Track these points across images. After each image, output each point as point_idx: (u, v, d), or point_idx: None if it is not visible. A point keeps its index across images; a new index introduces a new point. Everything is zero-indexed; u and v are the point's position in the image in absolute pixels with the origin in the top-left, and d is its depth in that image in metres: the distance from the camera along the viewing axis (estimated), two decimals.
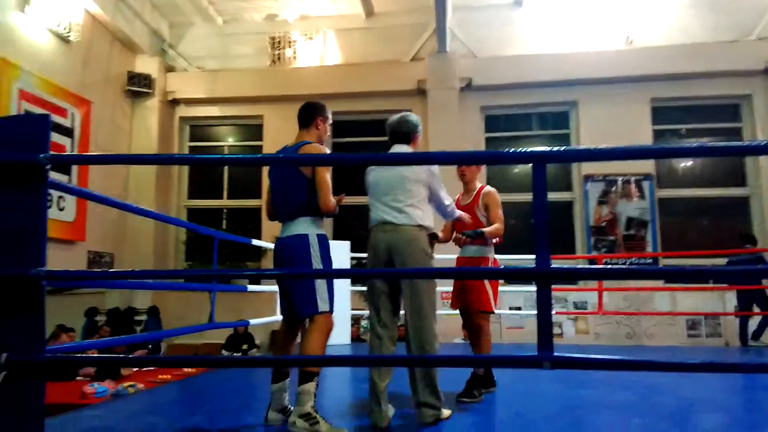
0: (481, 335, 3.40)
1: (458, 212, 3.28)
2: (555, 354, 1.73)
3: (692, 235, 9.37)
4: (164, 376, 5.49)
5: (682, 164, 9.74)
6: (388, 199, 2.87)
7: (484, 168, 9.46)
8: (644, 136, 9.28)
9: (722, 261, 8.46)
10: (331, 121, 3.04)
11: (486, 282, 3.41)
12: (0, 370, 1.76)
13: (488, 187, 3.63)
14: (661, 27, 9.53)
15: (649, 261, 9.15)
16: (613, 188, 9.41)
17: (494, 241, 3.55)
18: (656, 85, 9.37)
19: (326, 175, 2.76)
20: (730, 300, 8.49)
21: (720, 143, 1.74)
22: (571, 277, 1.97)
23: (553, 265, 1.84)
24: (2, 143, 1.92)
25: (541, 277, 1.78)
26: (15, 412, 1.80)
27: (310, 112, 2.96)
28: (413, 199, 2.86)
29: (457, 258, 3.65)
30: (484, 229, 3.38)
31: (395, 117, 3.11)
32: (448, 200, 3.07)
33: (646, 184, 9.33)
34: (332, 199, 2.76)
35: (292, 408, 2.70)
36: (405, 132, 3.05)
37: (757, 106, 9.21)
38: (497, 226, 3.45)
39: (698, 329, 8.79)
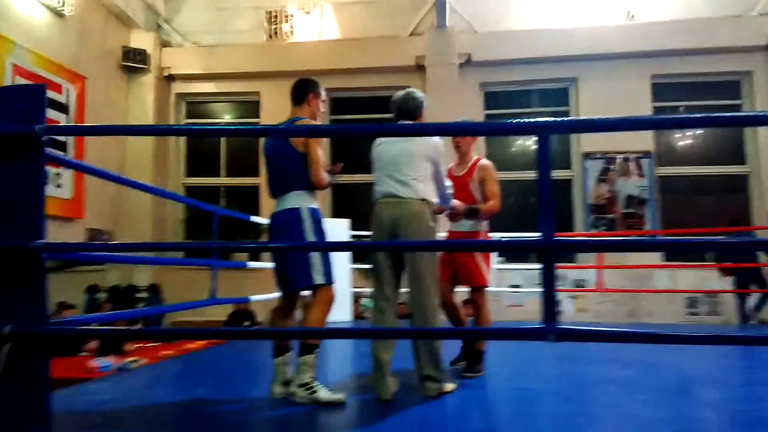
0: (479, 311, 3.38)
1: (455, 201, 3.23)
2: (560, 326, 1.73)
3: (692, 213, 9.38)
4: (167, 352, 5.52)
5: (682, 142, 9.71)
6: (394, 172, 2.87)
7: (481, 141, 9.47)
8: (644, 113, 9.21)
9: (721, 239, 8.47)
10: (324, 98, 3.05)
11: (479, 257, 3.36)
12: (4, 341, 1.76)
13: (484, 160, 3.54)
14: (663, 2, 9.41)
15: (648, 239, 9.16)
16: (612, 166, 9.38)
17: (461, 209, 3.47)
18: (657, 61, 9.28)
19: (318, 149, 2.78)
20: (728, 278, 8.54)
21: (722, 114, 1.72)
22: (576, 249, 1.96)
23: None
24: None
25: (545, 249, 1.77)
26: (20, 384, 1.80)
27: (302, 89, 2.96)
28: (419, 173, 2.86)
29: (449, 232, 3.56)
30: (479, 206, 3.31)
31: (400, 93, 3.08)
32: (448, 184, 3.07)
33: (645, 162, 9.31)
34: (324, 174, 2.79)
35: None
36: (411, 109, 3.03)
37: (757, 83, 9.15)
38: (493, 203, 3.37)
39: (697, 307, 8.85)
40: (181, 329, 2.82)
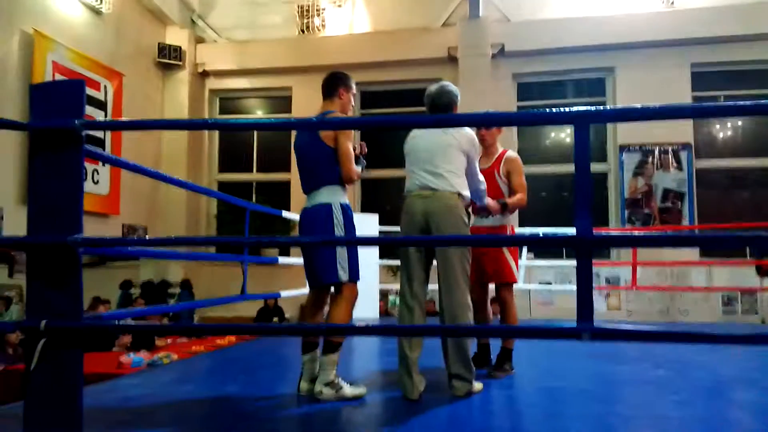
0: (506, 308, 3.30)
1: (488, 200, 3.14)
2: (595, 325, 1.67)
3: (730, 208, 9.07)
4: (198, 347, 5.60)
5: (722, 133, 9.39)
6: (428, 164, 2.81)
7: (512, 133, 9.33)
8: (684, 103, 8.94)
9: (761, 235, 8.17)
10: (354, 91, 3.01)
11: (507, 252, 3.27)
12: (39, 336, 1.78)
13: (511, 152, 3.43)
14: None
15: (685, 234, 8.89)
16: (650, 159, 9.13)
17: (495, 208, 3.35)
18: (697, 49, 8.99)
19: (348, 144, 2.76)
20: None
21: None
22: (614, 244, 1.88)
23: None
24: (38, 109, 1.92)
25: (582, 244, 1.71)
26: (53, 378, 1.82)
27: (333, 82, 2.94)
28: (453, 166, 2.80)
29: (473, 228, 3.35)
30: (507, 200, 3.22)
31: (434, 87, 3.01)
32: (482, 180, 2.99)
33: (683, 155, 9.03)
34: (354, 168, 2.77)
35: None
36: (446, 103, 2.95)
37: None
38: (520, 196, 3.27)
39: (734, 305, 8.58)
40: (210, 325, 2.86)
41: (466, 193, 2.86)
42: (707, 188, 9.16)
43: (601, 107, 2.34)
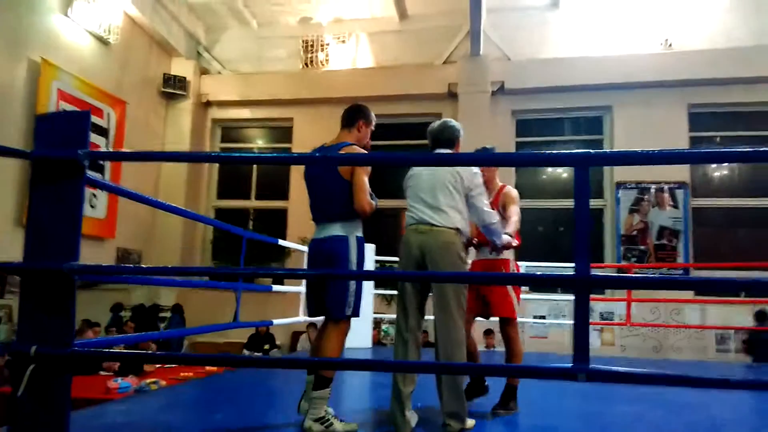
0: (511, 344, 3.24)
1: (506, 237, 3.03)
2: (591, 366, 1.66)
3: (726, 247, 9.09)
4: (186, 374, 5.53)
5: (718, 173, 9.48)
6: (429, 199, 2.82)
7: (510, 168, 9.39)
8: (681, 143, 9.06)
9: (759, 274, 8.18)
10: (373, 127, 3.01)
11: (510, 287, 3.25)
12: (29, 362, 1.77)
13: (509, 187, 3.46)
14: (701, 30, 9.28)
15: (680, 272, 8.91)
16: (646, 196, 9.19)
17: (513, 243, 3.31)
18: (695, 90, 9.13)
19: (364, 177, 2.73)
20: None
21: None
22: (613, 285, 1.89)
23: None
24: (43, 139, 1.94)
25: (580, 284, 1.71)
26: (42, 405, 1.80)
27: (353, 114, 2.95)
28: (454, 201, 2.81)
29: (474, 262, 3.42)
30: (509, 231, 3.14)
31: (437, 123, 3.07)
32: (492, 213, 2.91)
33: (680, 193, 9.10)
34: (368, 201, 2.73)
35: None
36: (447, 138, 3.00)
37: None
38: (514, 218, 3.22)
39: (727, 344, 8.54)
40: (200, 355, 2.82)
41: (466, 229, 2.87)
42: (703, 226, 9.19)
43: (602, 150, 2.38)
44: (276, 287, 5.27)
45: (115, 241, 8.85)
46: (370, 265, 6.31)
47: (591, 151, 1.71)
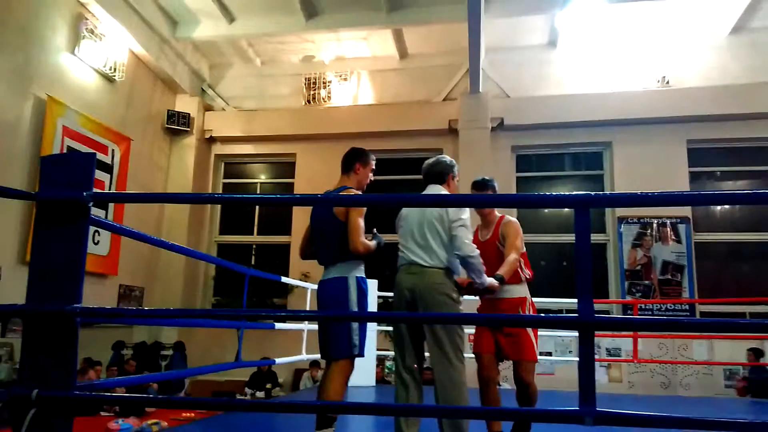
0: (524, 389, 3.06)
1: (486, 279, 2.86)
2: (598, 409, 1.64)
3: (730, 281, 9.06)
4: (188, 414, 5.45)
5: (720, 207, 9.49)
6: (418, 238, 2.82)
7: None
8: (680, 178, 9.09)
9: (762, 309, 8.18)
10: (373, 166, 3.10)
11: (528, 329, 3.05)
12: (30, 406, 1.75)
13: (508, 217, 3.29)
14: (698, 67, 9.43)
15: (686, 307, 8.83)
16: (648, 231, 9.19)
17: (525, 276, 3.16)
18: (693, 126, 9.22)
19: (358, 218, 2.81)
20: None
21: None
22: (616, 327, 1.88)
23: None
24: (48, 180, 1.96)
25: (584, 326, 1.70)
26: None
27: (350, 158, 3.05)
28: (441, 240, 2.79)
29: (483, 300, 3.25)
30: (500, 273, 2.96)
31: (430, 160, 3.10)
32: (471, 248, 2.78)
33: (682, 228, 9.10)
34: (362, 241, 2.80)
35: None
36: (438, 172, 3.02)
37: None
38: (512, 257, 3.02)
39: (735, 380, 8.40)
40: (202, 399, 2.78)
41: (458, 268, 2.85)
42: (706, 261, 9.16)
43: (602, 192, 2.41)
44: (279, 325, 5.23)
45: (118, 278, 8.82)
46: (373, 300, 6.28)
47: (591, 193, 1.72)
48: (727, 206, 9.46)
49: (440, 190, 3.00)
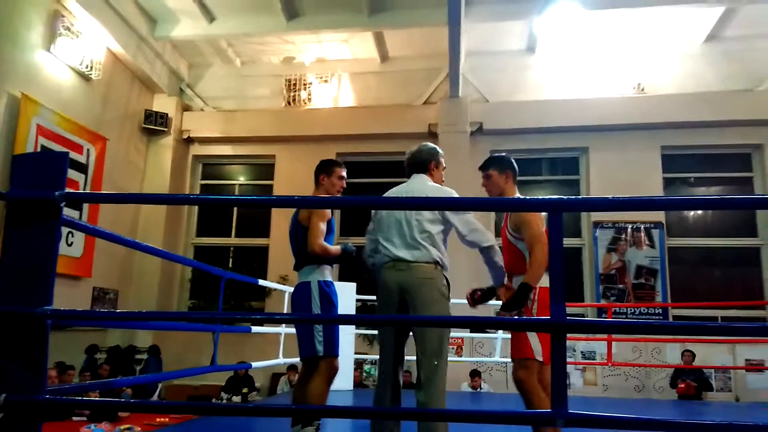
0: (523, 392, 2.71)
1: (501, 290, 2.66)
2: (570, 411, 1.66)
3: (702, 285, 9.25)
4: (162, 419, 5.37)
5: (693, 213, 9.69)
6: (403, 234, 2.66)
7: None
8: (654, 184, 9.26)
9: (733, 312, 8.37)
10: (340, 174, 3.16)
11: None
12: None
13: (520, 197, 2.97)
14: (673, 75, 9.63)
15: (659, 311, 9.00)
16: (623, 236, 9.34)
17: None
18: (667, 132, 9.41)
19: (318, 222, 2.91)
20: (740, 353, 8.33)
21: (737, 197, 1.71)
22: (589, 330, 1.91)
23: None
24: (19, 179, 1.93)
25: (556, 329, 1.73)
26: None
27: (316, 171, 3.17)
28: (430, 234, 2.66)
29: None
30: (526, 281, 2.62)
31: (412, 148, 2.99)
32: (486, 234, 2.61)
33: (656, 233, 9.27)
34: (319, 243, 2.87)
35: None
36: (420, 161, 2.90)
37: None
38: (536, 256, 2.62)
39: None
40: (177, 403, 2.75)
41: (446, 261, 2.72)
42: (679, 265, 9.34)
43: (576, 197, 2.44)
44: (255, 329, 5.19)
45: (92, 280, 8.67)
46: (350, 304, 6.27)
47: (564, 197, 1.76)
48: (699, 211, 9.66)
49: (425, 179, 2.86)
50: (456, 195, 2.71)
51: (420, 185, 2.83)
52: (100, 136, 8.80)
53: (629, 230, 9.32)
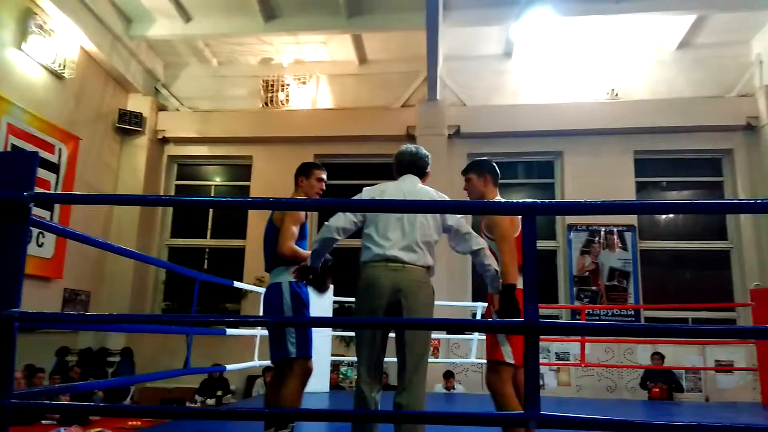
0: (493, 394, 2.70)
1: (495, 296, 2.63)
2: (542, 412, 1.69)
3: (673, 287, 9.45)
4: (134, 423, 5.29)
5: (665, 216, 9.89)
6: (404, 234, 2.62)
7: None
8: (627, 188, 9.43)
9: (703, 314, 8.56)
10: (319, 176, 3.15)
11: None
12: None
13: (498, 199, 2.99)
14: (646, 81, 9.81)
15: (631, 312, 9.16)
16: (596, 238, 9.49)
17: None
18: (640, 137, 9.60)
19: (291, 225, 2.90)
20: (710, 354, 8.52)
21: (706, 201, 1.76)
22: (562, 332, 1.94)
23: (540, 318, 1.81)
24: None
25: (529, 331, 1.75)
26: None
27: (296, 173, 3.15)
28: (426, 238, 2.65)
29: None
30: (505, 282, 2.63)
31: (410, 147, 2.94)
32: (477, 238, 2.66)
33: (628, 236, 9.43)
34: (289, 245, 2.86)
35: None
36: (421, 166, 2.90)
37: (738, 161, 9.44)
38: (506, 258, 2.65)
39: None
40: (150, 407, 2.70)
41: (434, 266, 2.72)
42: (651, 268, 9.52)
43: (549, 201, 2.47)
44: (230, 331, 5.15)
45: (63, 281, 8.49)
46: (328, 305, 6.25)
47: (537, 201, 1.78)
48: (670, 216, 9.86)
49: (416, 181, 2.86)
50: (446, 197, 2.76)
51: (414, 187, 2.82)
52: (72, 136, 8.64)
53: (602, 233, 9.47)
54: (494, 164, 3.07)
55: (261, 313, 2.99)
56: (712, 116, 9.35)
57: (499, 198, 2.99)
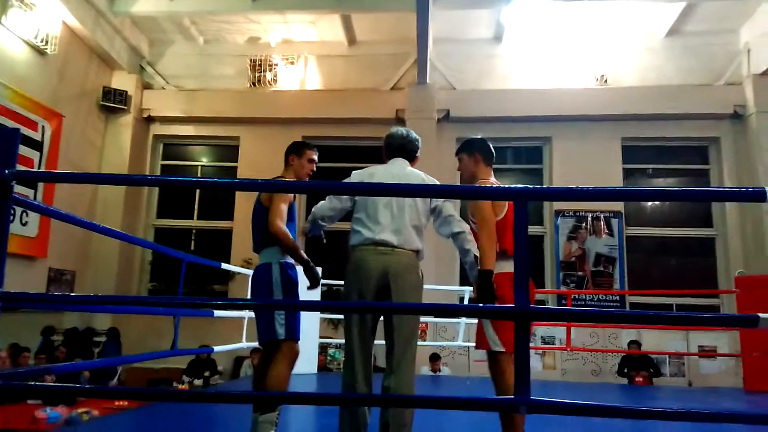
0: (493, 382, 2.66)
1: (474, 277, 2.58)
2: (532, 397, 1.69)
3: (658, 274, 9.56)
4: (121, 403, 5.27)
5: (651, 203, 9.97)
6: (391, 217, 2.63)
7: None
8: (614, 174, 9.48)
9: (688, 300, 8.67)
10: (310, 157, 3.09)
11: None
12: None
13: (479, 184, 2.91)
14: (635, 68, 9.82)
15: (617, 298, 9.26)
16: (583, 224, 9.55)
17: (496, 248, 2.58)
18: (628, 124, 9.63)
19: (280, 203, 2.83)
20: (693, 340, 8.65)
21: (694, 188, 1.75)
22: (551, 318, 1.94)
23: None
24: None
25: (520, 316, 1.75)
26: None
27: (287, 151, 3.10)
28: (415, 222, 2.66)
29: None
30: (488, 267, 2.51)
31: (401, 130, 2.93)
32: (460, 222, 2.69)
33: (615, 222, 9.50)
34: (278, 225, 2.80)
35: None
36: (411, 150, 2.90)
37: (724, 149, 9.52)
38: (484, 242, 2.55)
39: (662, 369, 8.88)
40: (136, 389, 2.68)
41: (424, 250, 2.72)
42: (636, 254, 9.62)
43: (540, 186, 2.45)
44: (218, 312, 5.12)
45: (48, 260, 8.39)
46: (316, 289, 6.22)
47: (529, 186, 1.77)
48: (656, 203, 9.95)
49: (405, 164, 2.86)
50: (438, 183, 2.75)
51: (403, 170, 2.81)
52: (55, 113, 8.48)
53: (589, 219, 9.53)
54: (487, 143, 3.01)
55: (249, 293, 2.92)
56: (700, 104, 9.40)
57: (493, 179, 2.94)
